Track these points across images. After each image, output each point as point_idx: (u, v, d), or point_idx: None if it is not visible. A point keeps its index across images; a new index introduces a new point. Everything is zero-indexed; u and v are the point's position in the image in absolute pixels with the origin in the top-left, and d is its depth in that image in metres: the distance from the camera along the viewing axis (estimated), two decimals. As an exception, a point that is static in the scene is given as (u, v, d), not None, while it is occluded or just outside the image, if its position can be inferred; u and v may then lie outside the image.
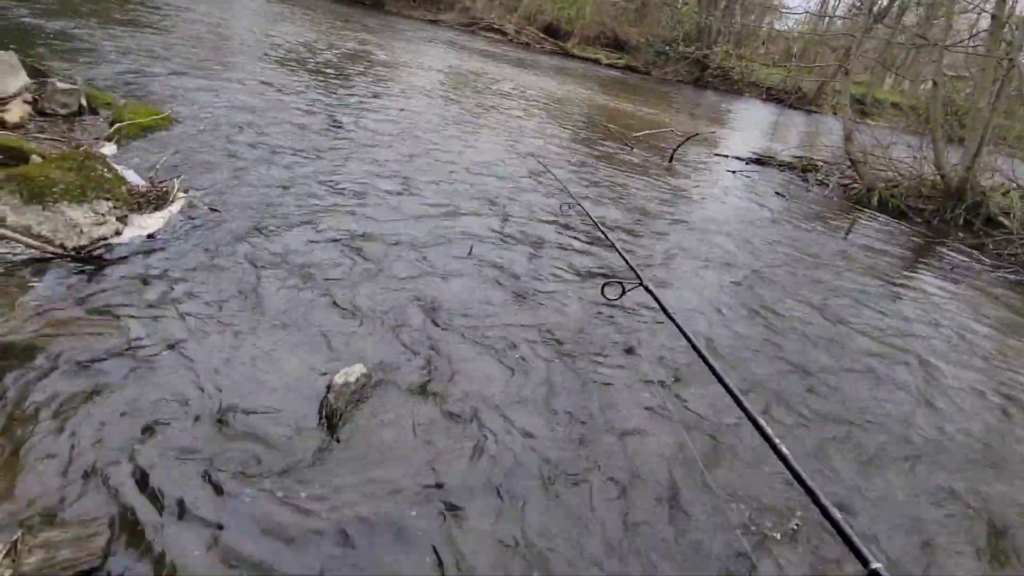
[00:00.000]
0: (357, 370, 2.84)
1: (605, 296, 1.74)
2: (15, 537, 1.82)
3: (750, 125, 18.65)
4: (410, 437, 2.65)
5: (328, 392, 2.74)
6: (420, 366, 3.14)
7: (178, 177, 4.66)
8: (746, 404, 1.04)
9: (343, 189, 5.28)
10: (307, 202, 4.83)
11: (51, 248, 3.44)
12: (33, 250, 3.40)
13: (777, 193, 9.34)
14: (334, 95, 8.83)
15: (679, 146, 9.99)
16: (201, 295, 3.36)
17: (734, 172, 10.13)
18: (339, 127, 7.23)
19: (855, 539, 0.61)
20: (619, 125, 11.91)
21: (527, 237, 5.13)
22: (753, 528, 2.53)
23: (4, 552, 1.77)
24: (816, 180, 10.93)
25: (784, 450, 0.91)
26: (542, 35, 29.61)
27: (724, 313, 4.53)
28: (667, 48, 28.41)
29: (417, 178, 6.02)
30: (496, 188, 6.28)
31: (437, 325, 3.54)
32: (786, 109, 25.04)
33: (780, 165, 11.69)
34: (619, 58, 28.91)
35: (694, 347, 1.12)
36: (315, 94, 8.58)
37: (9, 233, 3.41)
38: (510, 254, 4.73)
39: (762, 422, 0.96)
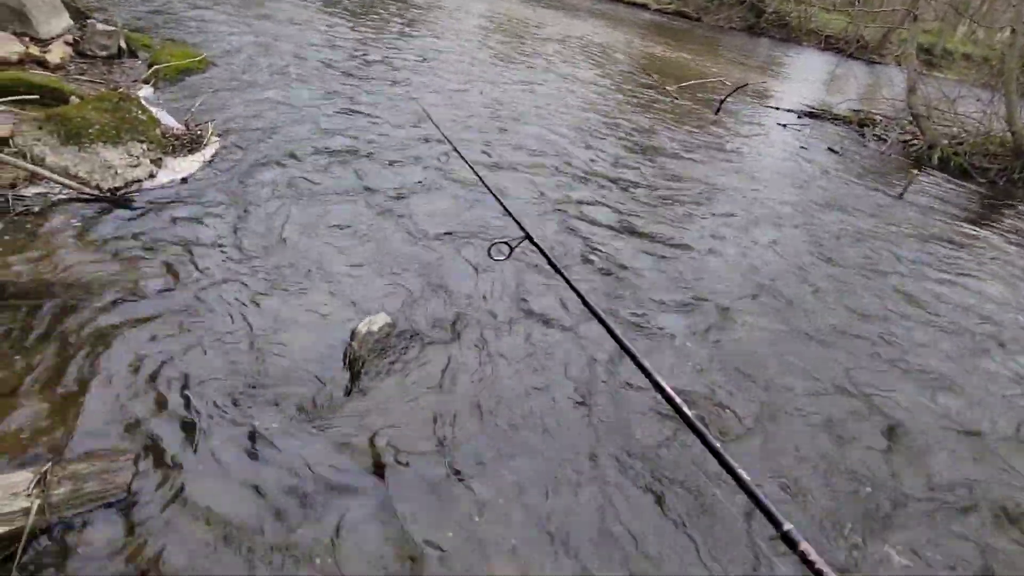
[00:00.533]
0: (380, 319, 2.82)
1: (492, 257, 1.58)
2: (44, 468, 1.88)
3: (805, 76, 17.67)
4: (428, 388, 2.64)
5: (352, 339, 2.74)
6: (443, 318, 3.11)
7: (212, 121, 4.65)
8: (640, 358, 0.95)
9: (379, 137, 5.20)
10: (342, 150, 4.78)
11: (87, 189, 3.49)
12: (70, 191, 3.45)
13: (830, 148, 8.87)
14: (371, 39, 8.66)
15: (727, 97, 9.52)
16: (232, 240, 3.37)
17: (784, 125, 9.64)
18: (376, 73, 7.10)
19: (766, 502, 0.57)
20: (665, 74, 11.42)
21: (578, 184, 4.99)
22: (657, 489, 2.46)
23: (34, 482, 1.83)
24: (873, 135, 10.33)
25: (687, 411, 0.84)
26: (589, -22, 28.31)
27: (764, 271, 4.35)
28: (720, -8, 26.87)
29: (452, 126, 5.90)
30: (532, 138, 6.11)
31: (462, 279, 3.49)
32: (846, 59, 23.56)
33: (835, 119, 11.07)
34: (669, 3, 27.52)
35: (585, 303, 1.03)
36: (351, 37, 8.42)
37: (47, 174, 3.46)
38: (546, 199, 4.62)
39: (660, 380, 0.88)
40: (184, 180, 3.85)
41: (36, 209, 3.28)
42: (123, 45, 5.79)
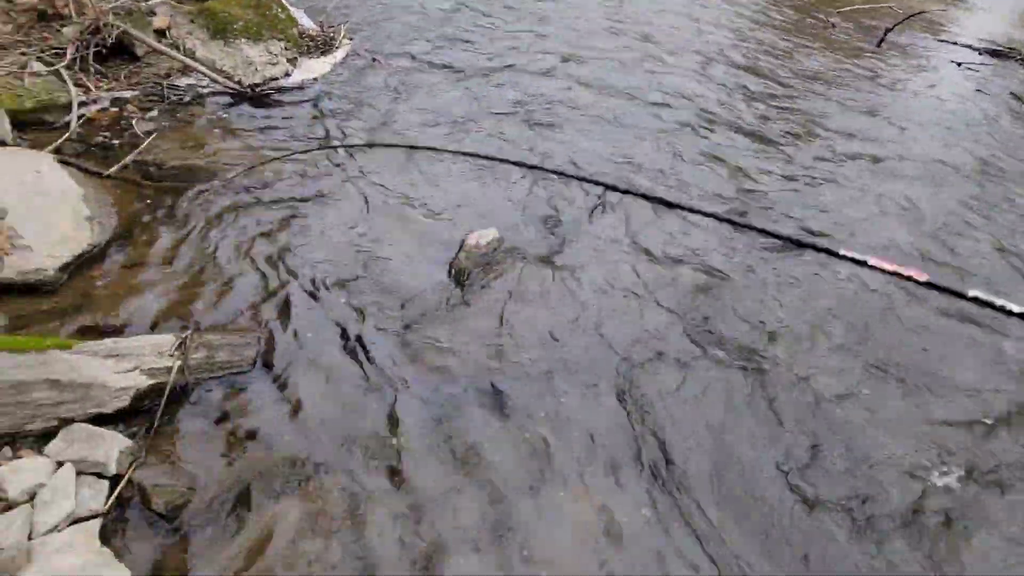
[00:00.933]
0: (490, 233, 2.84)
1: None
2: (185, 335, 2.10)
3: (996, 6, 15.11)
4: (530, 304, 2.64)
5: (459, 251, 2.78)
6: (551, 238, 3.07)
7: (345, 23, 4.72)
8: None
9: (509, 48, 5.06)
10: (470, 60, 4.71)
11: (231, 84, 3.69)
12: (216, 84, 3.67)
13: (1013, 95, 7.63)
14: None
15: (895, 26, 8.35)
16: (358, 141, 3.47)
17: (960, 64, 8.37)
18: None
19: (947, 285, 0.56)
20: (823, -3, 10.17)
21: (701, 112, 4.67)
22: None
23: (176, 345, 2.05)
24: (1072, 82, 8.75)
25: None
26: None
27: (901, 226, 3.90)
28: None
29: (578, 42, 5.62)
30: (660, 59, 5.71)
31: (575, 202, 3.41)
32: (1053, -12, 19.83)
33: (1025, 60, 9.46)
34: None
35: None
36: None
37: (198, 66, 3.69)
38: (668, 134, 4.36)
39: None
40: (315, 80, 3.97)
41: (187, 99, 3.53)
42: (268, -57, 5.92)
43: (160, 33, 3.89)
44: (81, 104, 3.18)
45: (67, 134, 3.01)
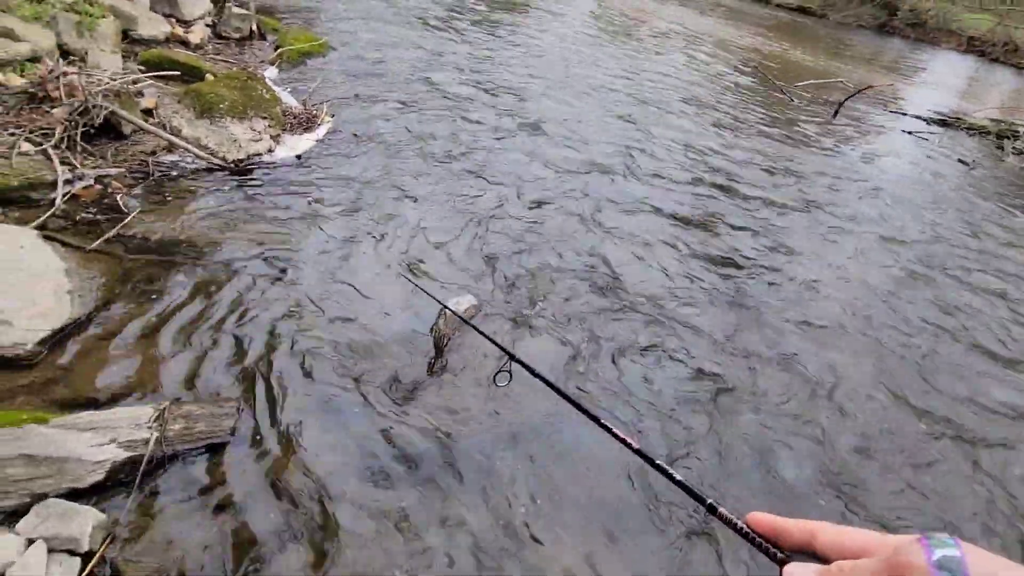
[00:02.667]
0: (467, 300, 2.91)
1: (496, 384, 1.58)
2: (163, 406, 2.10)
3: (940, 80, 16.20)
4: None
5: (438, 318, 2.85)
6: (527, 303, 3.16)
7: (327, 102, 4.93)
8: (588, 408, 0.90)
9: (482, 127, 5.32)
10: (446, 134, 4.93)
11: (215, 160, 3.81)
12: (201, 160, 3.79)
13: (961, 161, 8.12)
14: (480, 39, 8.82)
15: (847, 99, 8.93)
16: (338, 214, 3.58)
17: (911, 133, 8.92)
18: (481, 68, 7.24)
19: (687, 484, 0.69)
20: (781, 73, 10.86)
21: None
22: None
23: (154, 417, 2.05)
24: (1013, 149, 9.35)
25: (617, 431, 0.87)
26: (706, -30, 27.28)
27: (868, 298, 4.08)
28: (850, -13, 25.14)
29: (544, 121, 5.92)
30: (626, 134, 6.02)
31: (548, 269, 3.53)
32: (989, 63, 21.40)
33: (970, 129, 10.11)
34: (791, -2, 26.08)
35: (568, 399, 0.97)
36: (468, 37, 8.62)
37: (183, 144, 3.81)
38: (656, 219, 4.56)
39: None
40: (298, 156, 4.12)
41: (172, 174, 3.63)
42: (254, 28, 6.24)
43: (148, 113, 4.04)
44: (66, 182, 3.25)
45: (51, 210, 3.06)
